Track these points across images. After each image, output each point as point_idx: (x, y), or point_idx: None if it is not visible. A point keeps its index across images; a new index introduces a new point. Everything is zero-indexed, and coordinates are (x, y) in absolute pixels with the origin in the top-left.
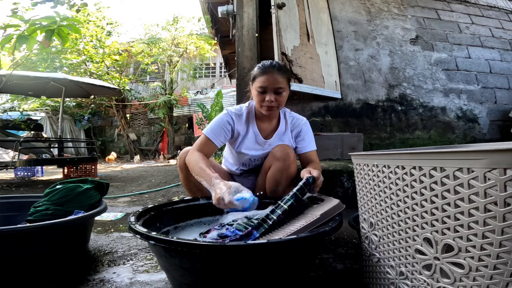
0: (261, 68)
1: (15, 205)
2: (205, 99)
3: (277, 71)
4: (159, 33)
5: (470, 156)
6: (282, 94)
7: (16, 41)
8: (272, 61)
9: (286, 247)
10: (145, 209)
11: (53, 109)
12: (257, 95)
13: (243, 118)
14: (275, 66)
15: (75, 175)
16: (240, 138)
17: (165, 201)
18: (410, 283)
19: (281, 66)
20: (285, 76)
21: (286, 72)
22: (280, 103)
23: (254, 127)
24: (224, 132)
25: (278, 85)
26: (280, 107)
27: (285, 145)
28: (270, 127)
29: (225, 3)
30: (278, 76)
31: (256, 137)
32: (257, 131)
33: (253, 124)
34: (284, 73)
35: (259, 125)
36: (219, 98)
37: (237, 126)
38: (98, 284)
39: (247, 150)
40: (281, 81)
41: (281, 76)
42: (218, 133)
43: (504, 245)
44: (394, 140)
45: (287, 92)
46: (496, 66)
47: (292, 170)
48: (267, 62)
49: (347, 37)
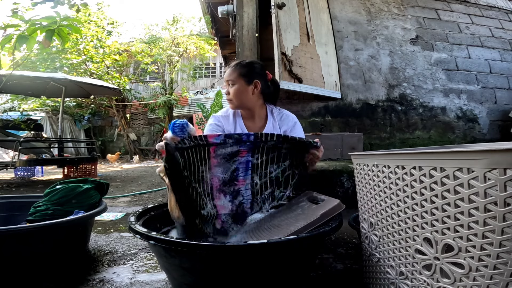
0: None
1: (15, 205)
2: (205, 99)
3: (233, 66)
4: (159, 33)
5: (470, 156)
6: (233, 87)
7: (16, 41)
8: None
9: (286, 247)
10: (145, 209)
11: (53, 109)
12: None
13: (230, 119)
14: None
15: (75, 175)
16: None
17: (165, 201)
18: (410, 283)
19: (239, 63)
20: (238, 71)
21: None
22: (233, 96)
23: (241, 125)
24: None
25: (227, 78)
26: (235, 100)
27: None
28: (257, 125)
29: (225, 3)
30: (231, 71)
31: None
32: (244, 127)
33: (240, 122)
34: (239, 68)
35: (246, 124)
36: (219, 98)
37: (226, 127)
38: (98, 284)
39: None
40: (231, 74)
41: (234, 70)
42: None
43: (504, 245)
44: (394, 140)
45: (241, 86)
46: (496, 66)
47: None
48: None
49: (347, 37)
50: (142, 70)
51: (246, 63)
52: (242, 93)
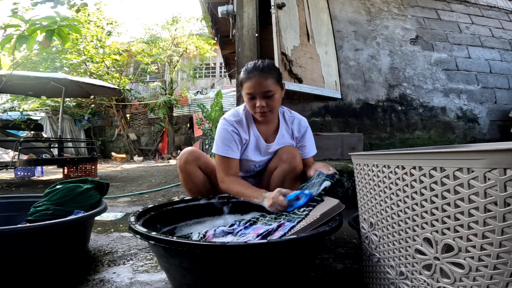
0: (246, 72)
1: (15, 205)
2: (205, 99)
3: (261, 73)
4: (159, 33)
5: (470, 156)
6: (273, 96)
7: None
8: (256, 62)
9: (286, 247)
10: (145, 209)
11: (53, 109)
12: (248, 101)
13: (243, 124)
14: (258, 68)
15: (75, 175)
16: (245, 145)
17: (165, 201)
18: (410, 283)
19: (265, 66)
20: (272, 77)
21: (272, 72)
22: (273, 107)
23: (255, 131)
24: (235, 143)
25: (265, 89)
26: (275, 110)
27: (291, 147)
28: (270, 129)
29: (225, 3)
30: (263, 79)
31: (258, 141)
32: (258, 134)
33: (253, 128)
34: (270, 73)
35: (259, 129)
36: (219, 98)
37: (242, 134)
38: (98, 284)
39: (251, 156)
40: (268, 83)
41: (267, 77)
42: (230, 146)
43: (504, 245)
44: (394, 140)
45: (279, 93)
46: (496, 66)
47: (298, 172)
48: (251, 65)
49: (347, 37)
50: (142, 70)
51: (273, 65)
52: (279, 102)
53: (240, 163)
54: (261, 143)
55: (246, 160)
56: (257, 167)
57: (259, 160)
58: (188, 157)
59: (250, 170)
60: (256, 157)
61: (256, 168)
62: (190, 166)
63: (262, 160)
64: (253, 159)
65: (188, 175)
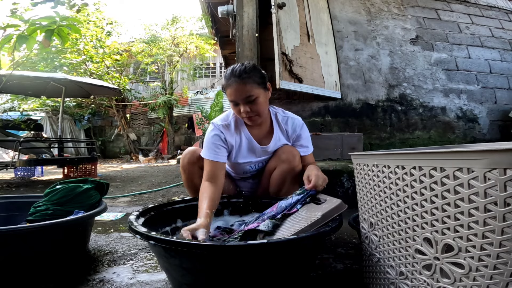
0: (225, 79)
1: (15, 205)
2: (205, 99)
3: (239, 79)
4: (159, 33)
5: (470, 156)
6: (256, 100)
7: (16, 41)
8: (234, 67)
9: (286, 247)
10: (145, 209)
11: (53, 109)
12: (233, 108)
13: (231, 128)
14: (235, 74)
15: (75, 175)
16: (234, 150)
17: (165, 201)
18: (410, 283)
19: (243, 71)
20: (251, 81)
21: (252, 76)
22: (259, 111)
23: (246, 133)
24: (221, 147)
25: (246, 94)
26: (262, 114)
27: (290, 146)
28: (263, 131)
29: (225, 3)
30: (242, 85)
31: (251, 144)
32: (250, 136)
33: (244, 131)
34: (250, 77)
35: (251, 131)
36: (219, 98)
37: (228, 138)
38: (98, 284)
39: (244, 159)
40: (248, 88)
41: (246, 82)
42: (215, 150)
43: (504, 245)
44: (394, 140)
45: (263, 95)
46: (496, 66)
47: (297, 171)
48: (229, 70)
49: (347, 37)
50: (142, 70)
51: (253, 68)
52: (265, 104)
53: (234, 167)
54: (255, 145)
55: (239, 163)
56: (254, 168)
57: (256, 161)
58: (190, 157)
59: (246, 171)
60: (251, 158)
61: (253, 168)
62: (192, 166)
63: (258, 160)
64: (248, 160)
65: (190, 175)
